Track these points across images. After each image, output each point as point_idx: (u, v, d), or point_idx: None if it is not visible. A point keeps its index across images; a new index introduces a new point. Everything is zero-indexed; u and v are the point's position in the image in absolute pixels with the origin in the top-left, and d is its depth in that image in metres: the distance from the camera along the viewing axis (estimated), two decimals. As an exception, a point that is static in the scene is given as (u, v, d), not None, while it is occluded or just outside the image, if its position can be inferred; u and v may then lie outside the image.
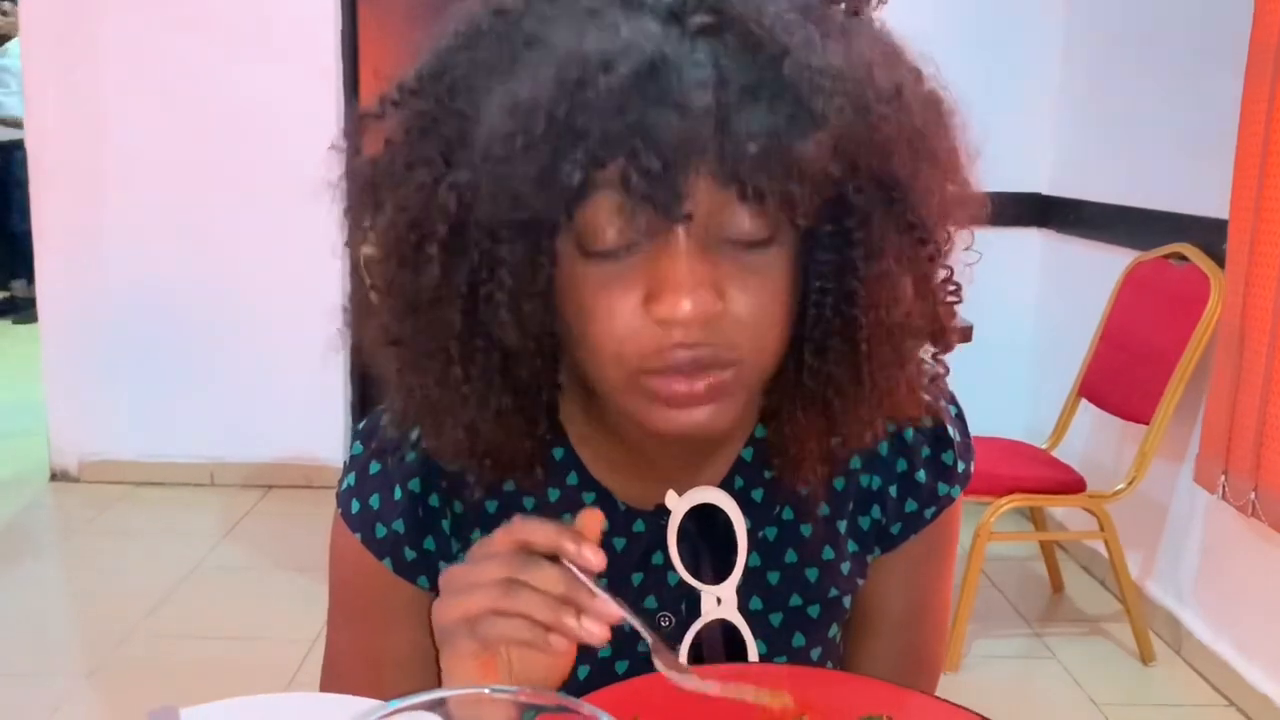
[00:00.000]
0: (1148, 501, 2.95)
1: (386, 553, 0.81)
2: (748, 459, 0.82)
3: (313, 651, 2.65)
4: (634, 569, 0.81)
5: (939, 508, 0.85)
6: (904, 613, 0.88)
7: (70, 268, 3.84)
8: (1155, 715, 2.57)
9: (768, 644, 0.82)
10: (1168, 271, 2.86)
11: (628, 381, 0.67)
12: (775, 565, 0.83)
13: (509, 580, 0.64)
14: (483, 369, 0.69)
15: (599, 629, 0.63)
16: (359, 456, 0.84)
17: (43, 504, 3.84)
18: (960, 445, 0.86)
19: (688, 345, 0.64)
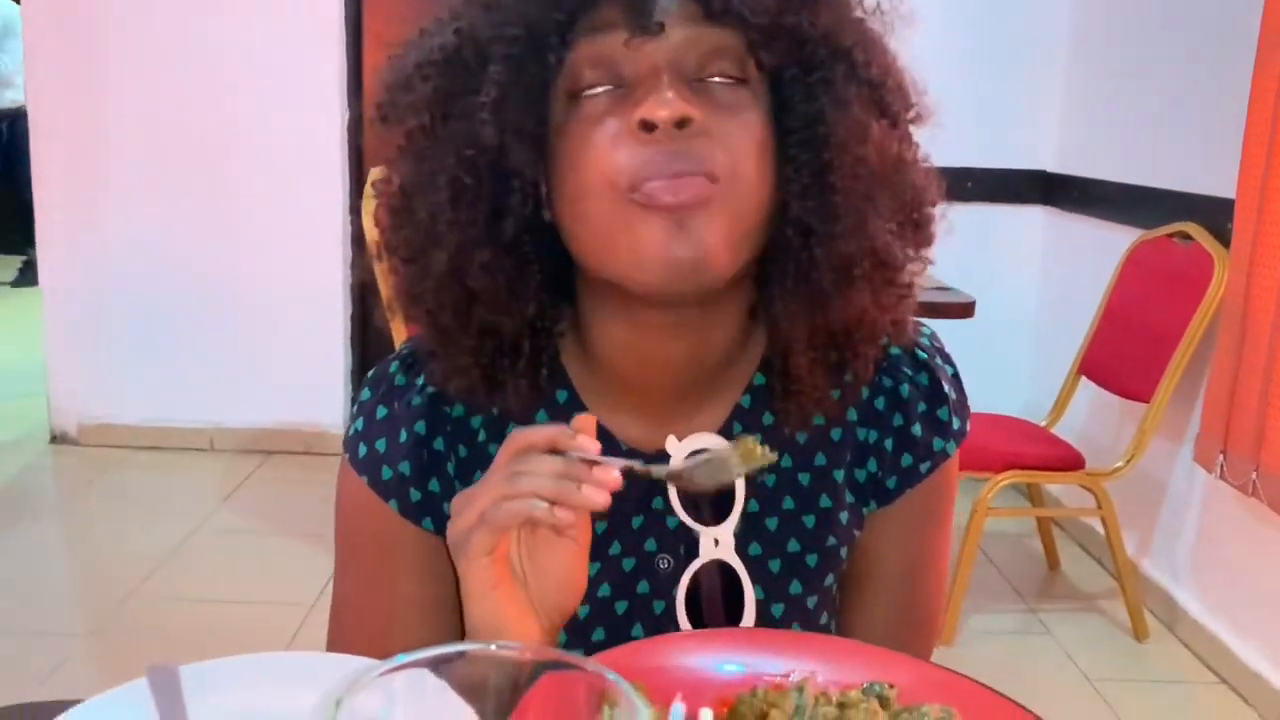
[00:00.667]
0: (1146, 480, 2.96)
1: (393, 494, 0.83)
2: (746, 405, 0.84)
3: (311, 615, 2.66)
4: (634, 512, 0.83)
5: (934, 463, 0.87)
6: (900, 569, 0.89)
7: (71, 231, 3.82)
8: (1148, 691, 2.58)
9: (765, 590, 0.84)
10: (1172, 250, 2.85)
11: (619, 209, 0.71)
12: (774, 511, 0.84)
13: (512, 473, 0.67)
14: (471, 206, 0.73)
15: (599, 494, 0.67)
16: (366, 402, 0.85)
17: (42, 466, 3.84)
18: (956, 403, 0.88)
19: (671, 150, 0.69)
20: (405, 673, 0.46)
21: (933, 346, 0.89)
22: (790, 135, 0.74)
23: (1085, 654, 2.72)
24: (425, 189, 0.74)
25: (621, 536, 0.83)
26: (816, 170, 0.73)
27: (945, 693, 0.71)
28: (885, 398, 0.86)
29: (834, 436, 0.85)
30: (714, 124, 0.70)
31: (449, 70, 0.74)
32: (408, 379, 0.84)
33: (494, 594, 0.69)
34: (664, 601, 0.83)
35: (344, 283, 3.90)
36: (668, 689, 0.67)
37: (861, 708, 0.66)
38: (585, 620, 0.83)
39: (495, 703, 0.48)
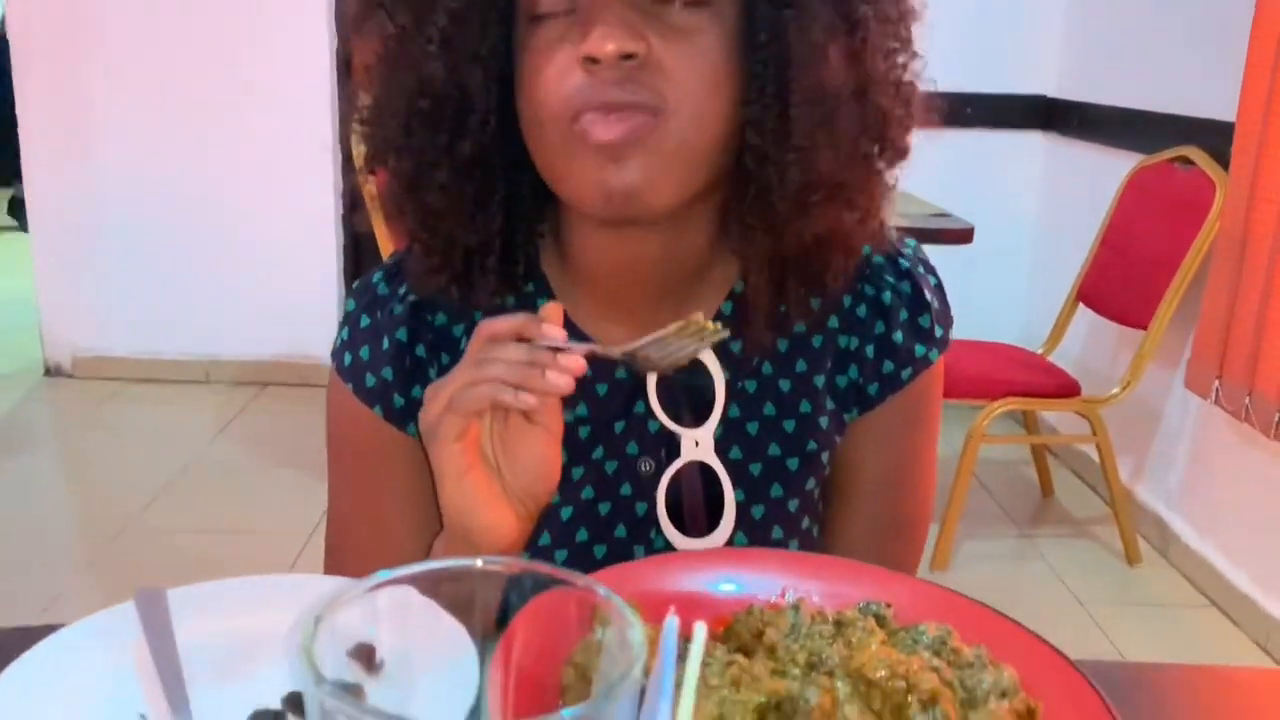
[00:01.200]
0: (1141, 407, 2.96)
1: (376, 400, 0.84)
2: (727, 313, 0.84)
3: (310, 544, 2.66)
4: (616, 417, 0.84)
5: (916, 370, 0.87)
6: (884, 476, 0.90)
7: (57, 160, 3.77)
8: (1139, 615, 2.61)
9: (746, 493, 0.84)
10: (1172, 175, 2.82)
11: (562, 137, 0.71)
12: (754, 416, 0.85)
13: (478, 360, 0.69)
14: (427, 130, 0.73)
15: (564, 379, 0.68)
16: (351, 312, 0.87)
17: (37, 399, 3.83)
18: (938, 311, 0.88)
19: (610, 82, 0.68)
20: (389, 590, 0.45)
21: (915, 256, 0.89)
22: (755, 57, 0.72)
23: (1078, 578, 2.74)
24: (388, 108, 0.75)
25: (604, 440, 0.84)
26: (774, 96, 0.72)
27: (942, 611, 0.70)
28: (867, 305, 0.86)
29: (815, 343, 0.86)
30: (666, 53, 0.69)
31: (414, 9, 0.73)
32: (390, 288, 0.85)
33: (465, 480, 0.70)
34: (646, 503, 0.84)
35: (336, 211, 3.86)
36: (662, 608, 0.67)
37: (858, 626, 0.65)
38: (569, 521, 0.84)
39: (483, 618, 0.46)
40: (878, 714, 0.59)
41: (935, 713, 0.58)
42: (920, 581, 0.76)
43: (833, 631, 0.65)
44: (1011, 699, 0.61)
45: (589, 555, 0.84)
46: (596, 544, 0.85)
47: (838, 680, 0.59)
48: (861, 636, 0.63)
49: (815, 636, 0.64)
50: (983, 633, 0.68)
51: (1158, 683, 0.77)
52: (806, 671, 0.61)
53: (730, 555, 0.80)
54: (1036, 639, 0.68)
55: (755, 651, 0.65)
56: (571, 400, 0.82)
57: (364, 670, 0.48)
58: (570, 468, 0.83)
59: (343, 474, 0.89)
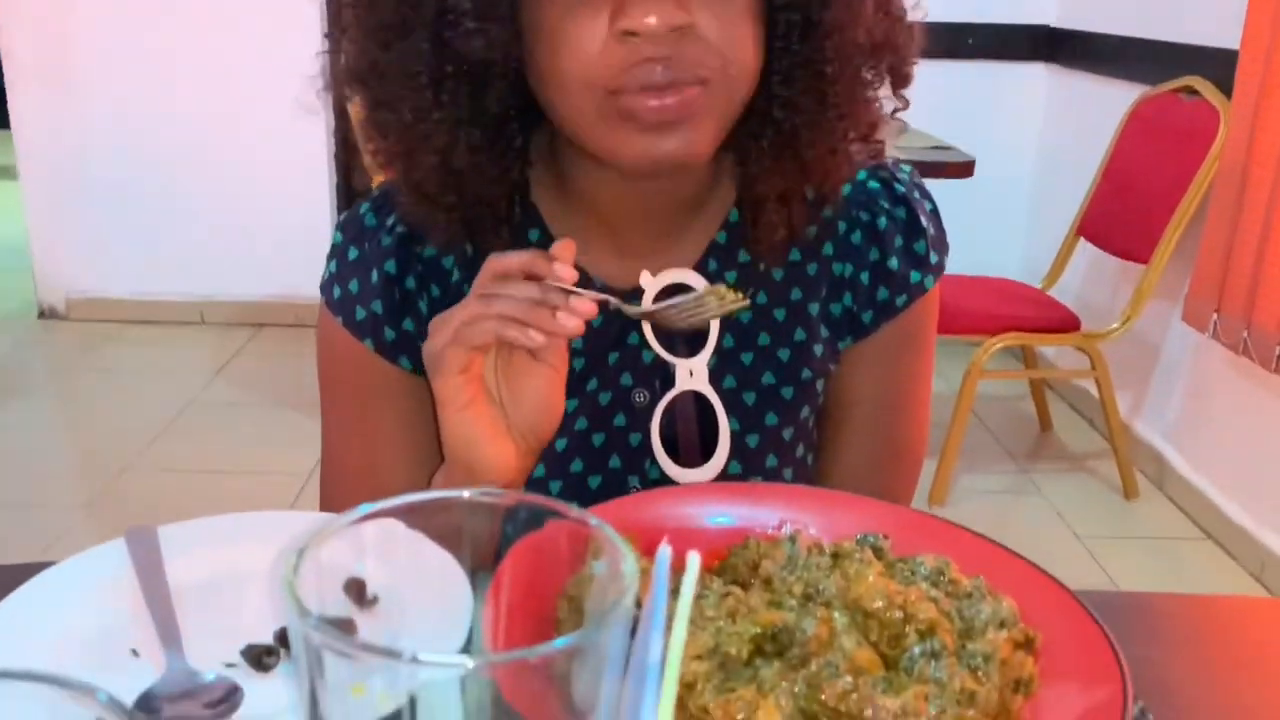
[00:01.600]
0: (1140, 341, 2.95)
1: (367, 334, 0.83)
2: (722, 242, 0.83)
3: (309, 485, 2.67)
4: (610, 348, 0.83)
5: (911, 296, 0.86)
6: (879, 403, 0.89)
7: (45, 102, 3.71)
8: (1135, 547, 2.63)
9: (741, 422, 0.84)
10: (1176, 106, 2.77)
11: (599, 108, 0.69)
12: (748, 347, 0.84)
13: (487, 294, 0.68)
14: (452, 94, 0.71)
15: (573, 321, 0.67)
16: (339, 245, 0.86)
17: (32, 342, 3.82)
18: (934, 238, 0.87)
19: (658, 59, 0.66)
20: (377, 523, 0.44)
21: (911, 181, 0.88)
22: (784, 14, 0.71)
23: (1075, 512, 2.75)
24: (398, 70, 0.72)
25: (598, 372, 0.84)
26: (805, 49, 0.72)
27: (940, 542, 0.70)
28: (862, 231, 0.85)
29: (809, 271, 0.85)
30: (706, 19, 0.67)
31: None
32: (378, 220, 0.84)
33: (467, 412, 0.70)
34: (640, 434, 0.83)
35: (328, 150, 3.81)
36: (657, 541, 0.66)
37: (855, 557, 0.64)
38: (563, 452, 0.84)
39: (474, 551, 0.45)
40: (875, 645, 0.58)
41: (933, 643, 0.57)
42: (918, 513, 0.75)
43: (830, 563, 0.64)
44: (1010, 629, 0.60)
45: (583, 486, 0.84)
46: (591, 475, 0.84)
47: (835, 611, 0.59)
48: (859, 568, 0.62)
49: (812, 568, 0.63)
50: (981, 564, 0.68)
51: (1154, 611, 0.77)
52: (803, 603, 0.60)
53: (725, 488, 0.79)
54: (1035, 569, 0.68)
55: (751, 584, 0.65)
56: None
57: (355, 605, 0.47)
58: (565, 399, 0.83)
59: (335, 408, 0.88)
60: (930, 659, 0.57)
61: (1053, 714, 0.57)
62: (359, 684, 0.37)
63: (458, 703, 0.39)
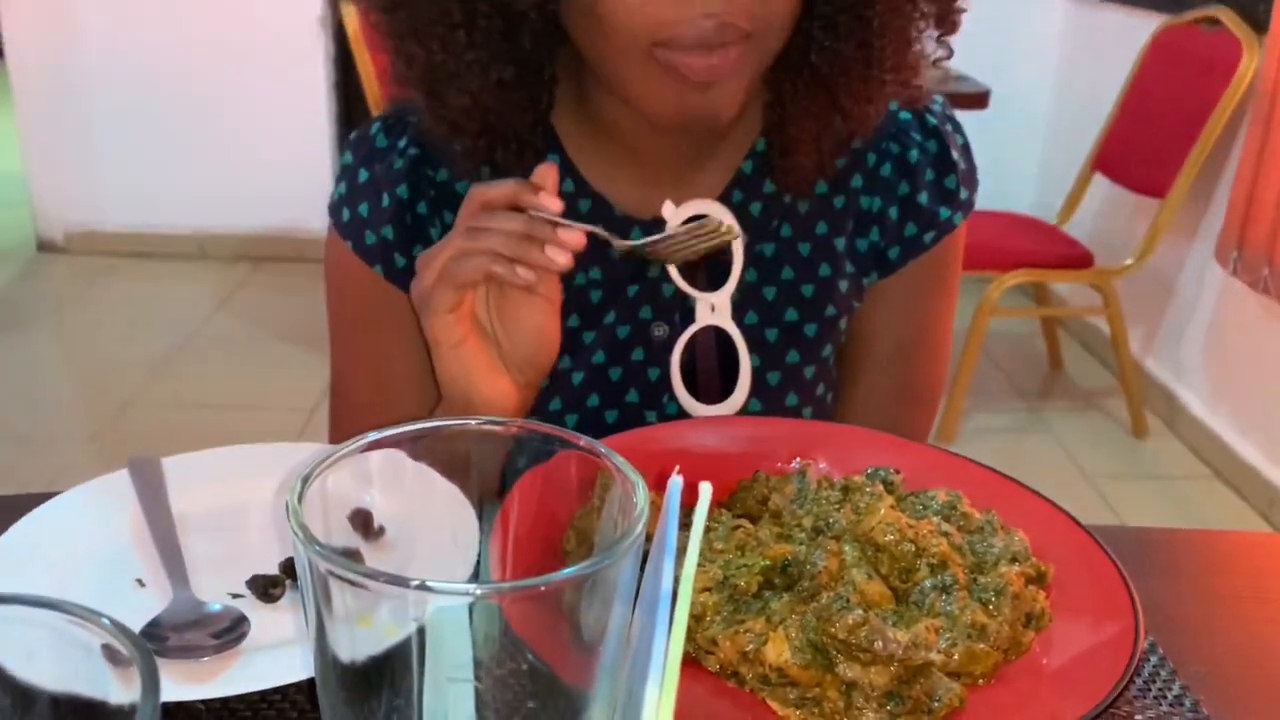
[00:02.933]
0: (1154, 278, 2.92)
1: (377, 259, 0.81)
2: (748, 172, 0.81)
3: (312, 419, 2.67)
4: (630, 280, 0.81)
5: (939, 233, 0.84)
6: (900, 342, 0.88)
7: (41, 33, 3.65)
8: (1143, 486, 2.63)
9: (762, 358, 0.83)
10: (1197, 37, 2.71)
11: (641, 58, 0.67)
12: (772, 281, 0.82)
13: (472, 229, 0.66)
14: (485, 33, 0.69)
15: (561, 255, 0.66)
16: (349, 166, 0.83)
17: (31, 275, 3.80)
18: (964, 172, 0.85)
19: (710, 14, 0.64)
20: (382, 452, 0.43)
21: (944, 113, 0.85)
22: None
23: (1084, 451, 2.75)
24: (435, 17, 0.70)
25: (617, 304, 0.82)
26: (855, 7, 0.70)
27: (951, 477, 0.69)
28: (892, 164, 0.83)
29: (837, 204, 0.83)
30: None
31: None
32: (389, 140, 0.82)
33: (460, 350, 0.68)
34: (659, 368, 0.82)
35: (328, 81, 3.75)
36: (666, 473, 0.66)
37: (866, 491, 0.64)
38: (580, 386, 0.82)
39: (480, 481, 0.44)
40: (885, 578, 0.57)
41: (944, 577, 0.57)
42: (929, 448, 0.75)
43: (840, 497, 0.64)
44: (1022, 563, 0.60)
45: (600, 420, 0.83)
46: (608, 409, 0.83)
47: (845, 544, 0.58)
48: (870, 501, 0.61)
49: (822, 502, 0.63)
50: (993, 498, 0.67)
51: (1164, 547, 0.77)
52: (813, 536, 0.60)
53: (735, 421, 0.78)
54: (1048, 503, 0.67)
55: (761, 517, 0.64)
56: (583, 262, 0.80)
57: (362, 537, 0.46)
58: (582, 332, 0.81)
59: (344, 333, 0.86)
60: (941, 593, 0.56)
61: (1064, 648, 0.56)
62: (366, 614, 0.37)
63: (465, 633, 0.38)
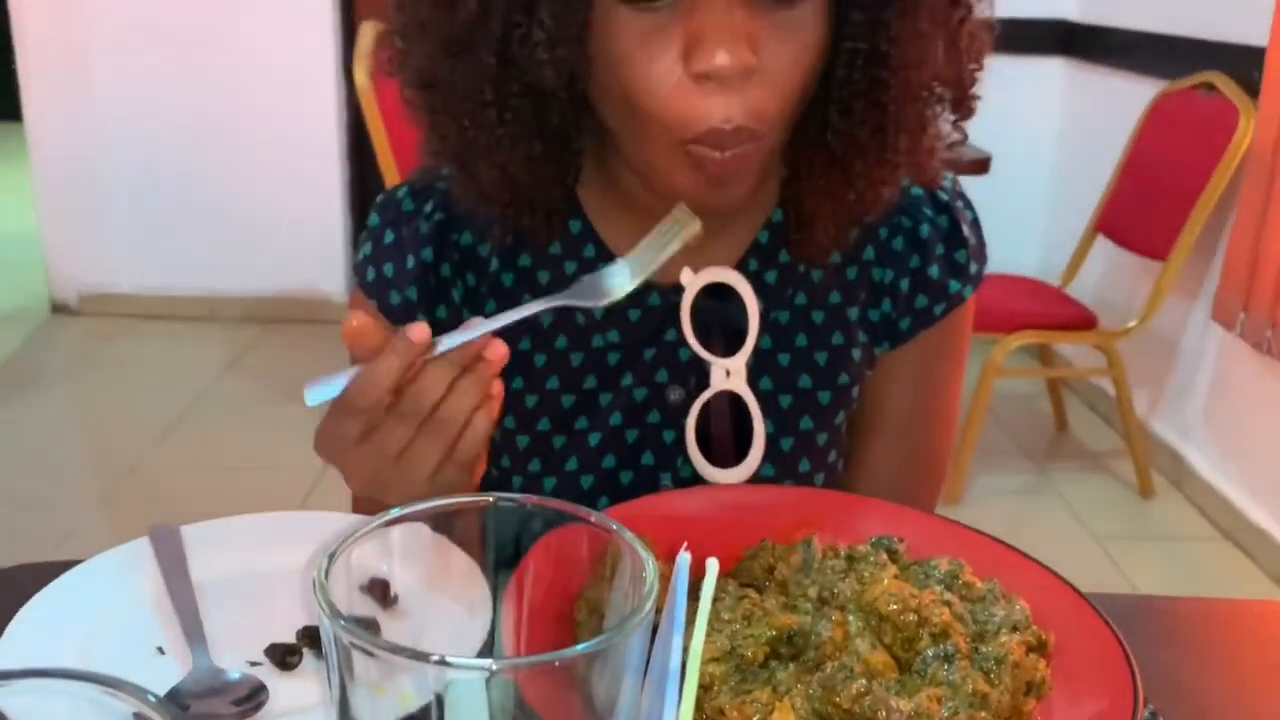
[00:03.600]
0: (1158, 339, 2.94)
1: (400, 319, 0.83)
2: (764, 242, 0.83)
3: (320, 482, 2.69)
4: (647, 344, 0.83)
5: (949, 305, 0.86)
6: (910, 412, 0.89)
7: (58, 96, 3.73)
8: (1152, 547, 2.62)
9: (776, 424, 0.84)
10: (1195, 102, 2.76)
11: (668, 149, 0.69)
12: (786, 348, 0.84)
13: (423, 413, 0.64)
14: (516, 111, 0.71)
15: (495, 358, 0.64)
16: (375, 228, 0.85)
17: (44, 337, 3.84)
18: (974, 248, 0.87)
19: (730, 121, 0.66)
20: (403, 526, 0.45)
21: (954, 190, 0.88)
22: (847, 42, 0.69)
23: (1091, 512, 2.75)
24: (467, 95, 0.71)
25: (634, 367, 0.83)
26: (870, 93, 0.71)
27: (954, 546, 0.70)
28: (904, 238, 0.85)
29: (850, 275, 0.85)
30: (771, 57, 0.66)
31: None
32: (416, 205, 0.84)
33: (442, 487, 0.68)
34: (674, 431, 0.83)
35: (340, 145, 3.82)
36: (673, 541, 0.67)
37: (870, 560, 0.65)
38: (596, 447, 0.84)
39: (496, 555, 0.46)
40: (889, 647, 0.59)
41: (946, 646, 0.58)
42: (933, 517, 0.76)
43: (845, 566, 0.65)
44: (1023, 632, 0.61)
45: (615, 482, 0.84)
46: (623, 470, 0.84)
47: (850, 614, 0.59)
48: (873, 571, 0.63)
49: (827, 571, 0.64)
50: (994, 566, 0.68)
51: (1168, 615, 0.77)
52: (818, 606, 0.61)
53: (742, 489, 0.80)
54: (1048, 572, 0.68)
55: (767, 586, 0.65)
56: (602, 326, 0.82)
57: (378, 604, 0.48)
58: (598, 393, 0.83)
59: None
60: (943, 662, 0.57)
61: (1064, 716, 0.57)
62: (387, 683, 0.38)
63: (482, 702, 0.39)
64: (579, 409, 0.84)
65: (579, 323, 0.83)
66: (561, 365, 0.83)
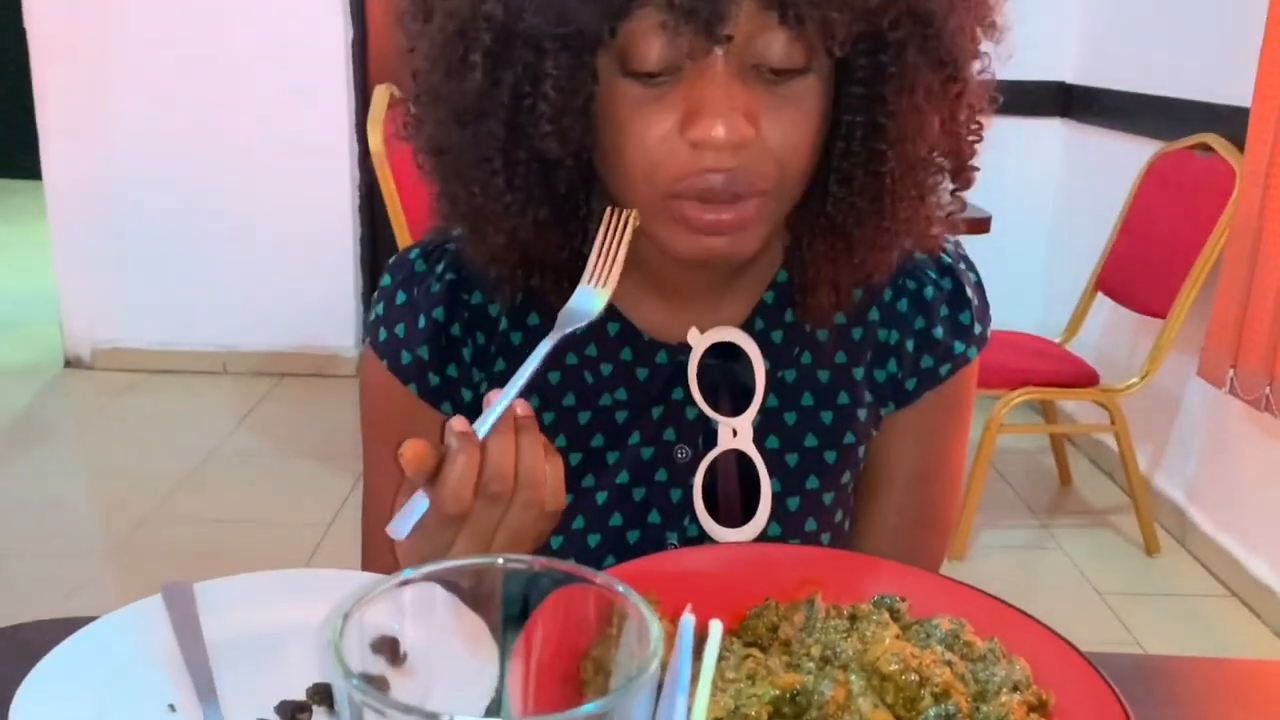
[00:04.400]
0: (1159, 396, 2.95)
1: (412, 378, 0.85)
2: (769, 301, 0.84)
3: (328, 536, 2.69)
4: (654, 402, 0.84)
5: (955, 366, 0.87)
6: (915, 472, 0.90)
7: (75, 152, 3.79)
8: (1157, 604, 2.60)
9: (782, 483, 0.84)
10: (1192, 163, 2.80)
11: (657, 203, 0.70)
12: (792, 407, 0.85)
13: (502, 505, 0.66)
14: (524, 180, 0.72)
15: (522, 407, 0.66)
16: (387, 288, 0.87)
17: (57, 391, 3.87)
18: (978, 309, 0.88)
19: (720, 170, 0.67)
20: (414, 586, 0.46)
21: (957, 253, 0.89)
22: (846, 114, 0.71)
23: (1096, 568, 2.74)
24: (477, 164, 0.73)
25: (641, 426, 0.84)
26: (870, 164, 0.72)
27: (956, 605, 0.71)
28: (908, 299, 0.86)
29: (855, 335, 0.86)
30: (772, 130, 0.68)
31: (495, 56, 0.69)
32: (428, 266, 0.85)
33: None
34: (681, 490, 0.84)
35: (353, 204, 3.87)
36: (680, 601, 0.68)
37: (873, 620, 0.66)
38: (603, 506, 0.84)
39: (504, 614, 0.47)
40: (891, 707, 0.59)
41: (948, 706, 0.59)
42: (934, 576, 0.77)
43: (847, 626, 0.66)
44: (1023, 692, 0.61)
45: (622, 540, 0.84)
46: (630, 529, 0.85)
47: (852, 674, 0.60)
48: (875, 630, 0.64)
49: (829, 631, 0.65)
50: (995, 626, 0.69)
51: (1172, 675, 0.77)
52: (821, 665, 0.62)
53: (746, 548, 0.81)
54: (1049, 631, 0.69)
55: (770, 645, 0.66)
56: (610, 384, 0.83)
57: (388, 663, 0.49)
58: (606, 452, 0.84)
59: (376, 450, 0.89)
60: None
61: (1066, 776, 0.58)
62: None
63: (490, 761, 0.40)
64: (586, 467, 0.84)
65: (587, 381, 0.84)
66: (569, 424, 0.84)
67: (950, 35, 0.70)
